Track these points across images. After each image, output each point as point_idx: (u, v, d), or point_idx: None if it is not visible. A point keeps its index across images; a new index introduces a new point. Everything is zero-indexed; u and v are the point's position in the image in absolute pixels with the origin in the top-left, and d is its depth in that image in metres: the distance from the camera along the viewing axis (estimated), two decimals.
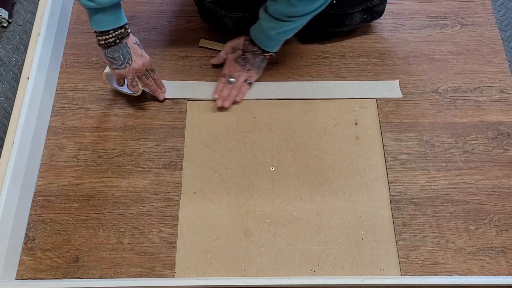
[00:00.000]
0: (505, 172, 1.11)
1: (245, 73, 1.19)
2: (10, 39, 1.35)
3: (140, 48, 1.09)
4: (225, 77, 1.20)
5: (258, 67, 1.20)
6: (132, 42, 1.06)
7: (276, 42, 1.15)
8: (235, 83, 1.19)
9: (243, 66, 1.19)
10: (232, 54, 1.21)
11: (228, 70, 1.20)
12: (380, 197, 1.09)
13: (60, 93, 1.22)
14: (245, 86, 1.21)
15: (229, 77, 1.19)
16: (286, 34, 1.12)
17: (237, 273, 1.02)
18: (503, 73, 1.23)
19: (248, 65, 1.19)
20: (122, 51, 1.05)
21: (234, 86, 1.19)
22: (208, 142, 1.16)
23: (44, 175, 1.12)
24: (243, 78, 1.20)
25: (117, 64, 1.06)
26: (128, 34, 1.05)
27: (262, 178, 1.11)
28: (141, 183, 1.11)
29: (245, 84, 1.20)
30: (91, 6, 0.96)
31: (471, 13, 1.32)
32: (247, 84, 1.21)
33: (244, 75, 1.20)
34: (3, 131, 1.20)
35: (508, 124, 1.17)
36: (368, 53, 1.27)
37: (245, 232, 1.06)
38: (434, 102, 1.20)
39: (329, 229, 1.06)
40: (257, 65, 1.19)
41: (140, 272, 1.01)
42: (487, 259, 1.02)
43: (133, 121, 1.18)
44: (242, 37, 1.19)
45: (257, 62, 1.19)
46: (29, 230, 1.06)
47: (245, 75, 1.20)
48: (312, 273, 1.01)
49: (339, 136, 1.16)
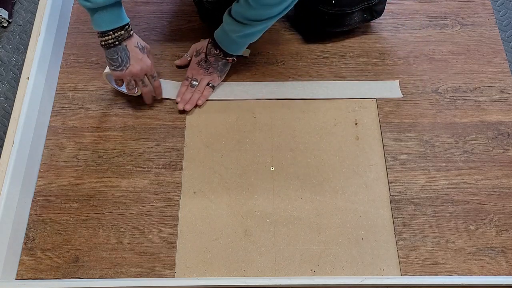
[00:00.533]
0: (505, 172, 1.11)
1: (207, 76, 1.19)
2: (10, 39, 1.35)
3: (142, 52, 1.07)
4: (188, 80, 1.19)
5: (221, 70, 1.19)
6: (133, 45, 1.06)
7: (239, 46, 1.14)
8: (198, 86, 1.19)
9: (206, 70, 1.18)
10: (195, 57, 1.20)
11: (191, 73, 1.20)
12: (380, 197, 1.09)
13: (60, 93, 1.22)
14: (207, 89, 1.20)
15: (192, 80, 1.19)
16: (249, 38, 1.11)
17: (237, 273, 1.02)
18: (503, 73, 1.23)
19: (210, 69, 1.18)
20: (121, 53, 1.04)
21: (196, 89, 1.19)
22: (208, 142, 1.16)
23: (44, 175, 1.12)
24: (206, 81, 1.19)
25: (114, 66, 1.06)
26: (129, 36, 1.04)
27: (262, 178, 1.11)
28: (141, 183, 1.11)
29: (207, 87, 1.19)
30: (87, 6, 0.96)
31: (471, 13, 1.32)
32: (209, 88, 1.20)
33: (207, 78, 1.19)
34: (3, 131, 1.20)
35: (508, 124, 1.17)
36: (368, 53, 1.27)
37: (245, 232, 1.06)
38: (434, 102, 1.20)
39: (329, 229, 1.06)
40: (219, 68, 1.18)
41: (140, 272, 1.01)
42: (487, 259, 1.02)
43: (133, 121, 1.18)
44: (206, 40, 1.18)
45: (219, 66, 1.18)
46: (29, 230, 1.06)
47: (208, 79, 1.19)
48: (312, 273, 1.01)
49: (339, 136, 1.16)
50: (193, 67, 1.20)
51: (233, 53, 1.15)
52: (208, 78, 1.19)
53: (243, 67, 1.24)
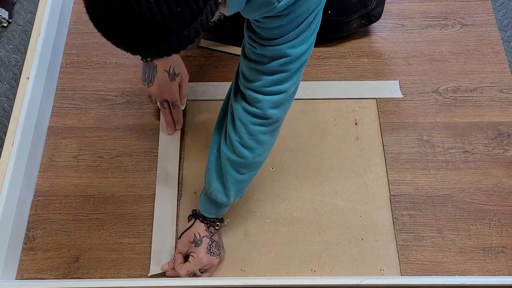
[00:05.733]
0: (505, 172, 1.11)
1: (218, 261, 1.00)
2: (10, 39, 1.35)
3: (170, 78, 1.03)
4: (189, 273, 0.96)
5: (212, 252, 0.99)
6: (162, 69, 1.03)
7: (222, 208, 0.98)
8: (203, 275, 0.98)
9: (218, 255, 0.99)
10: (198, 246, 0.96)
11: (200, 267, 0.96)
12: (380, 197, 1.09)
13: (60, 93, 1.22)
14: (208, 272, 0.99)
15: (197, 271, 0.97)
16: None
17: (237, 273, 1.02)
18: (503, 73, 1.23)
19: (222, 250, 1.00)
20: (149, 70, 1.04)
21: (199, 275, 0.98)
22: (208, 142, 1.15)
23: (44, 175, 1.12)
24: (215, 267, 1.00)
25: (142, 77, 1.07)
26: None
27: (262, 178, 1.11)
28: (141, 183, 1.10)
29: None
30: None
31: (471, 13, 1.32)
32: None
33: (217, 263, 1.00)
34: (3, 131, 1.20)
35: (508, 124, 1.17)
36: (368, 53, 1.27)
37: (245, 232, 1.06)
38: (434, 102, 1.20)
39: (329, 229, 1.06)
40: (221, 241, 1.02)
41: (140, 272, 1.01)
42: (487, 259, 1.02)
43: (133, 121, 1.18)
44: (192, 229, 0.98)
45: (221, 238, 1.02)
46: (29, 230, 1.06)
47: (218, 263, 1.00)
48: (312, 273, 1.01)
49: (339, 136, 1.16)
50: (204, 259, 0.96)
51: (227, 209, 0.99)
52: (217, 263, 1.00)
53: None
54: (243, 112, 0.85)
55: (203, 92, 1.21)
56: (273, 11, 0.70)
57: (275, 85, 0.81)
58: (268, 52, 0.77)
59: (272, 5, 0.68)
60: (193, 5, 0.56)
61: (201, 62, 1.25)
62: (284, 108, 0.87)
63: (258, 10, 0.70)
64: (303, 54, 0.78)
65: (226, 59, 1.26)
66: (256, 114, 0.85)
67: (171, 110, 1.11)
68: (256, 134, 0.86)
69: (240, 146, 0.87)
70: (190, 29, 0.58)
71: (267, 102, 0.83)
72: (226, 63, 1.25)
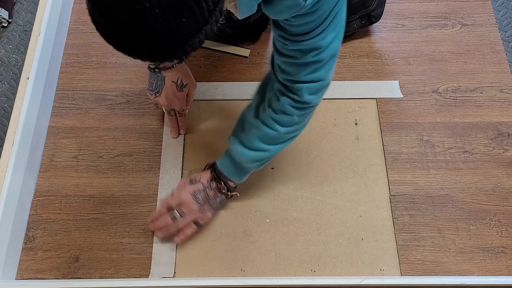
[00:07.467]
0: (505, 172, 1.11)
1: (198, 214, 0.99)
2: (10, 39, 1.35)
3: (178, 89, 1.03)
4: (169, 207, 0.98)
5: (216, 208, 1.03)
6: (171, 80, 1.03)
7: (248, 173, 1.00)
8: (180, 221, 0.98)
9: (200, 205, 0.98)
10: (190, 185, 0.98)
11: (179, 201, 0.97)
12: (380, 197, 1.09)
13: (60, 93, 1.22)
14: (191, 227, 1.00)
15: (176, 210, 0.97)
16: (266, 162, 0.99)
17: (237, 273, 1.02)
18: (503, 73, 1.23)
19: (206, 205, 0.99)
20: (156, 81, 1.03)
21: (177, 223, 0.98)
22: (208, 142, 1.16)
23: (44, 175, 1.12)
24: (192, 218, 0.99)
25: (149, 87, 1.06)
26: (170, 68, 0.98)
27: (262, 178, 1.11)
28: (141, 183, 1.10)
29: (192, 225, 1.00)
30: None
31: (471, 13, 1.32)
32: (194, 226, 1.00)
33: (195, 214, 0.99)
34: (3, 131, 1.20)
35: (508, 124, 1.17)
36: (368, 53, 1.27)
37: (245, 232, 1.06)
38: (434, 102, 1.20)
39: (329, 229, 1.06)
40: (215, 206, 1.02)
41: (140, 272, 1.01)
42: (487, 259, 1.02)
43: (133, 121, 1.18)
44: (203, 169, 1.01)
45: (217, 203, 1.01)
46: (29, 230, 1.06)
47: (196, 215, 0.99)
48: (312, 273, 1.01)
49: (339, 136, 1.16)
50: (184, 196, 0.97)
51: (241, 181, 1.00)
52: (197, 215, 0.99)
53: (243, 67, 1.24)
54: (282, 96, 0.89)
55: (203, 92, 1.21)
56: (301, 10, 0.72)
57: (312, 73, 0.84)
58: (301, 47, 0.80)
59: (300, 6, 0.70)
60: (199, 16, 0.57)
61: (201, 62, 1.25)
62: (320, 94, 0.90)
63: (287, 11, 0.72)
64: (332, 41, 0.81)
65: (226, 59, 1.26)
66: (295, 99, 0.88)
67: (177, 117, 1.12)
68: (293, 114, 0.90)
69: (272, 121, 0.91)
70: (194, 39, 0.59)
71: (306, 90, 0.86)
72: (226, 63, 1.25)
